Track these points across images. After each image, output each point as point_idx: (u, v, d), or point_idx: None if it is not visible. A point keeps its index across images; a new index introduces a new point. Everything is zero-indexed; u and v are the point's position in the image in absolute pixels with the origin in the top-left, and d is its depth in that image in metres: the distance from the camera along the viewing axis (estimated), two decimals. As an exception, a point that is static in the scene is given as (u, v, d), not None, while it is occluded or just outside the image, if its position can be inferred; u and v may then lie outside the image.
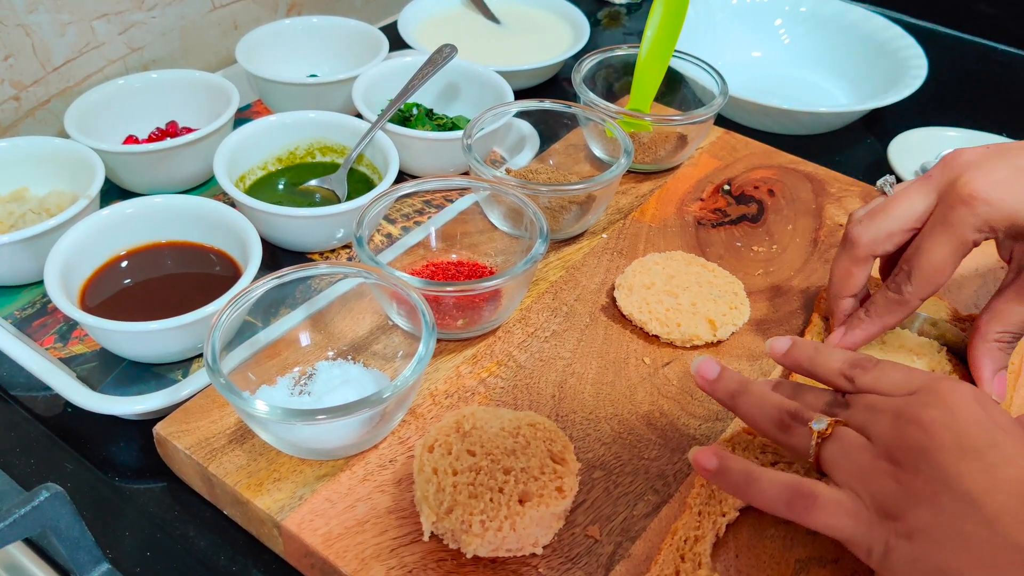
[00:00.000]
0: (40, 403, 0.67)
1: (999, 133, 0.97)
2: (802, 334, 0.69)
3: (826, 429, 0.50)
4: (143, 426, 0.64)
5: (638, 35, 1.21)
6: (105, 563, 0.54)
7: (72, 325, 0.71)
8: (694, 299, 0.69)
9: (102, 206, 0.73)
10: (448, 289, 0.64)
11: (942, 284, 0.60)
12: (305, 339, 0.66)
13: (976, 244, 0.58)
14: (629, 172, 0.87)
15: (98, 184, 0.74)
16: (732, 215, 0.83)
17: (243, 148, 0.81)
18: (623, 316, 0.70)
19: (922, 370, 0.52)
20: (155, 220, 0.73)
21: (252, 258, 0.68)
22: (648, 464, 0.60)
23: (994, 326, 0.61)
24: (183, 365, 0.68)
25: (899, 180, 0.91)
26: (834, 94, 1.09)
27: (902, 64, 1.03)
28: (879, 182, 0.65)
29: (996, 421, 0.46)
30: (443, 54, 0.88)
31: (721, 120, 1.01)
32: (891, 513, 0.46)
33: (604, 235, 0.79)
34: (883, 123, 1.05)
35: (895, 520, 0.45)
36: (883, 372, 0.52)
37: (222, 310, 0.58)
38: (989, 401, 0.47)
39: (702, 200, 0.84)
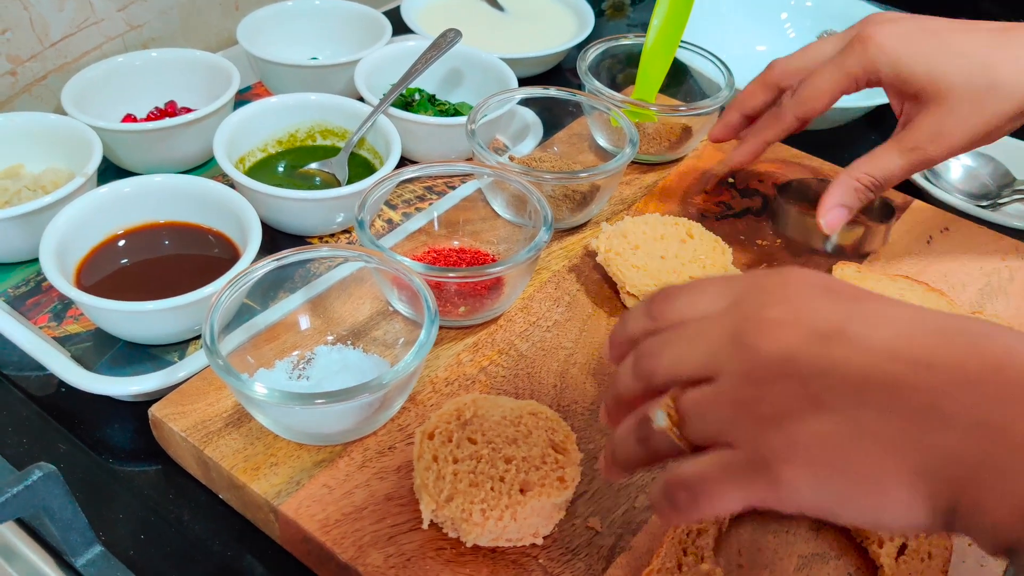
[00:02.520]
0: (33, 383, 0.66)
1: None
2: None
3: (671, 415, 0.39)
4: (138, 408, 0.63)
5: (642, 27, 1.21)
6: (98, 545, 0.53)
7: (67, 304, 0.70)
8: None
9: (99, 185, 0.72)
10: (451, 275, 0.63)
11: (818, 109, 0.66)
12: (304, 323, 0.65)
13: (859, 84, 0.64)
14: (632, 163, 0.86)
15: (96, 162, 0.73)
16: (736, 208, 0.82)
17: (243, 129, 0.80)
18: (626, 307, 0.70)
19: (737, 274, 0.46)
20: (154, 200, 0.72)
21: (251, 240, 0.67)
22: (650, 456, 0.59)
23: (863, 166, 0.65)
24: (179, 347, 0.67)
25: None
26: (838, 90, 1.08)
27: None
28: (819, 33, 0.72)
29: (842, 290, 0.39)
30: (447, 38, 0.87)
31: (725, 113, 1.00)
32: (773, 445, 0.36)
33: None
34: (888, 120, 1.04)
35: (777, 448, 0.36)
36: (692, 293, 0.42)
37: (221, 291, 0.57)
38: (828, 276, 0.40)
39: (706, 193, 0.84)
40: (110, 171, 0.83)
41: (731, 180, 0.85)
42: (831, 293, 0.38)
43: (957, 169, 0.92)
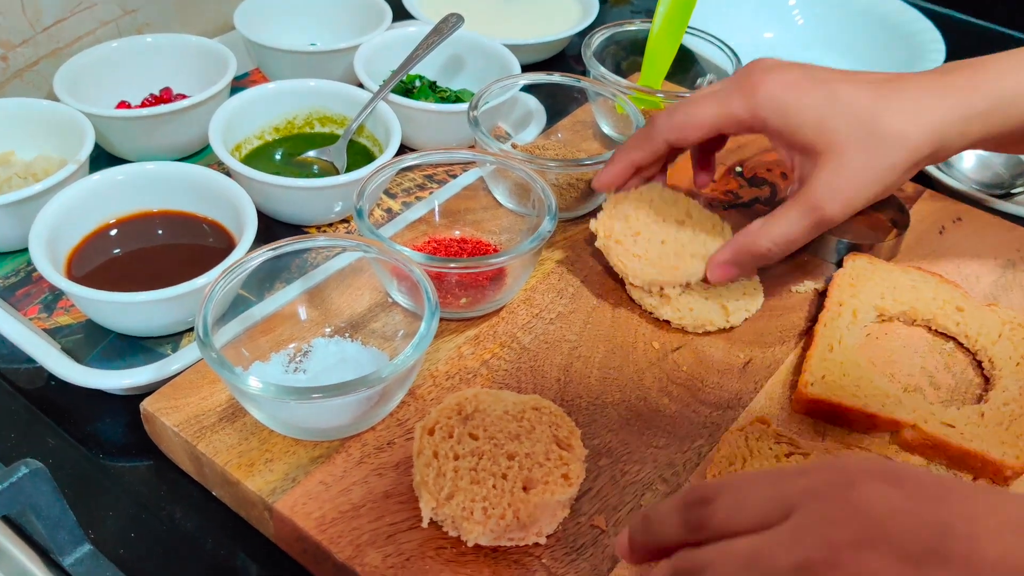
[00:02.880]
0: (23, 375, 0.64)
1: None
2: (815, 319, 0.66)
3: None
4: (130, 402, 0.61)
5: (647, 13, 1.18)
6: (87, 544, 0.51)
7: (57, 295, 0.68)
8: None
9: (92, 173, 0.70)
10: (452, 266, 0.61)
11: (690, 139, 0.63)
12: (301, 315, 0.63)
13: (739, 127, 0.61)
14: (638, 151, 0.84)
15: (88, 149, 0.71)
16: (744, 197, 0.80)
17: (239, 116, 0.78)
18: (631, 299, 0.68)
19: (791, 467, 0.36)
20: (147, 188, 0.70)
21: (247, 229, 0.65)
22: (656, 452, 0.57)
23: (764, 231, 0.62)
24: (172, 339, 0.65)
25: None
26: (847, 78, 1.06)
27: (919, 48, 1.00)
28: (699, 81, 0.69)
29: (922, 483, 0.33)
30: (449, 23, 0.85)
31: (732, 101, 0.98)
32: None
33: (612, 215, 0.76)
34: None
35: None
36: (734, 497, 0.36)
37: (215, 282, 0.55)
38: (893, 463, 0.36)
39: (713, 182, 0.81)
40: (103, 158, 0.81)
41: (739, 169, 0.83)
42: (909, 489, 0.32)
43: (970, 158, 0.90)
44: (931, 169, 0.87)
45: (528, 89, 0.87)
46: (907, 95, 0.58)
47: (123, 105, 0.84)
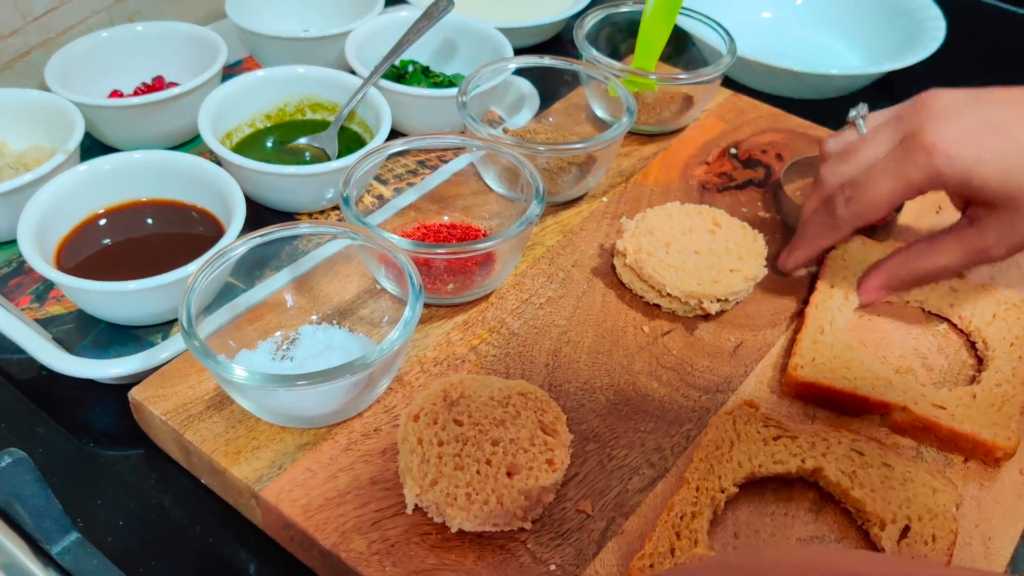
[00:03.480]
0: (14, 366, 0.65)
1: (1018, 98, 0.93)
2: (807, 302, 0.66)
3: None
4: (120, 391, 0.61)
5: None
6: (74, 532, 0.52)
7: (49, 285, 0.68)
8: (716, 260, 0.66)
9: (85, 163, 0.70)
10: (439, 251, 0.61)
11: (874, 219, 0.62)
12: (289, 303, 0.63)
13: (922, 191, 0.58)
14: (632, 134, 0.84)
15: (77, 139, 0.71)
16: (738, 179, 0.80)
17: (230, 104, 0.78)
18: (622, 283, 0.67)
19: (739, 562, 0.34)
20: (135, 176, 0.70)
21: (235, 217, 0.65)
22: (644, 437, 0.57)
23: (920, 258, 0.62)
24: (163, 328, 0.66)
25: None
26: (847, 57, 1.05)
27: (919, 25, 0.99)
28: (852, 113, 0.66)
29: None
30: (439, 7, 0.85)
31: (730, 83, 0.98)
32: None
33: (604, 199, 0.76)
34: (898, 87, 1.01)
35: None
36: None
37: (198, 271, 0.55)
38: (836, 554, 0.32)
39: (707, 164, 0.81)
40: (96, 148, 0.81)
41: (734, 151, 0.83)
42: None
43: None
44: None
45: (521, 73, 0.86)
46: None
47: (116, 94, 0.84)
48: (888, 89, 1.01)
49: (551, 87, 0.87)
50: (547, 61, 0.79)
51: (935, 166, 0.56)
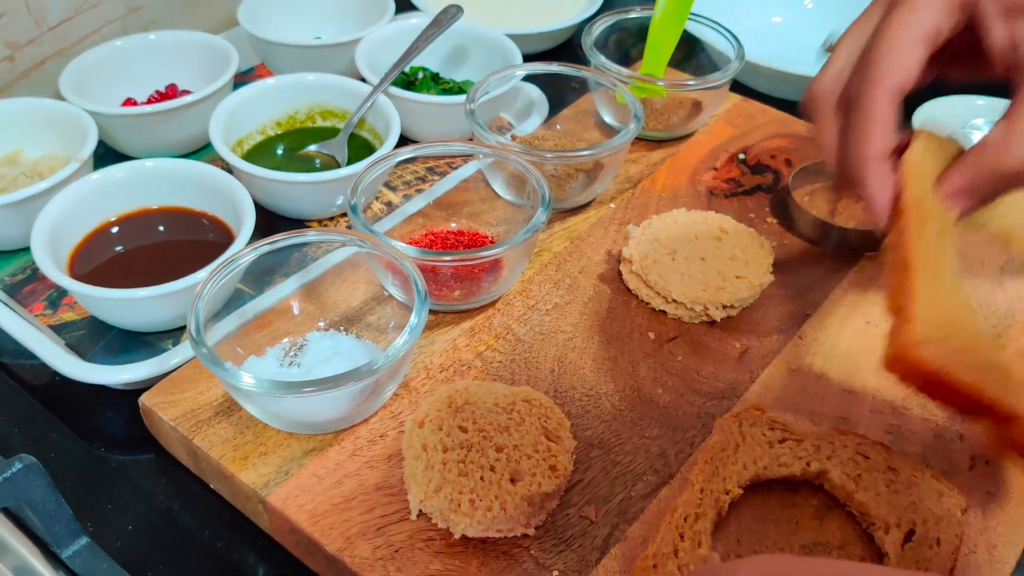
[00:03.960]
0: (28, 371, 0.66)
1: (1030, 102, 0.93)
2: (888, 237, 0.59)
3: None
4: (131, 396, 0.62)
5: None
6: (84, 537, 0.52)
7: (62, 292, 0.70)
8: (720, 267, 0.66)
9: (97, 171, 0.71)
10: (445, 259, 0.62)
11: (902, 81, 0.47)
12: (296, 309, 0.63)
13: (944, 30, 0.46)
14: (641, 140, 0.84)
15: (90, 147, 0.72)
16: (746, 185, 0.80)
17: (241, 112, 0.79)
18: (628, 289, 0.68)
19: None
20: (146, 184, 0.71)
21: (244, 224, 0.65)
22: (649, 443, 0.57)
23: (1002, 148, 0.46)
24: (174, 334, 0.66)
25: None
26: (858, 61, 1.05)
27: (930, 29, 0.99)
28: (824, 42, 0.56)
29: None
30: (448, 15, 0.85)
31: (740, 88, 0.98)
32: None
33: (612, 205, 0.76)
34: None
35: None
36: None
37: (207, 278, 0.56)
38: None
39: (716, 169, 0.81)
40: (110, 156, 0.82)
41: (742, 157, 0.83)
42: None
43: (979, 138, 0.88)
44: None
45: (530, 79, 0.87)
46: None
47: (129, 102, 0.85)
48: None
49: (560, 93, 0.87)
50: (555, 68, 0.79)
51: None
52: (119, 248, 0.69)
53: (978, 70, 0.48)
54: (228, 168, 0.73)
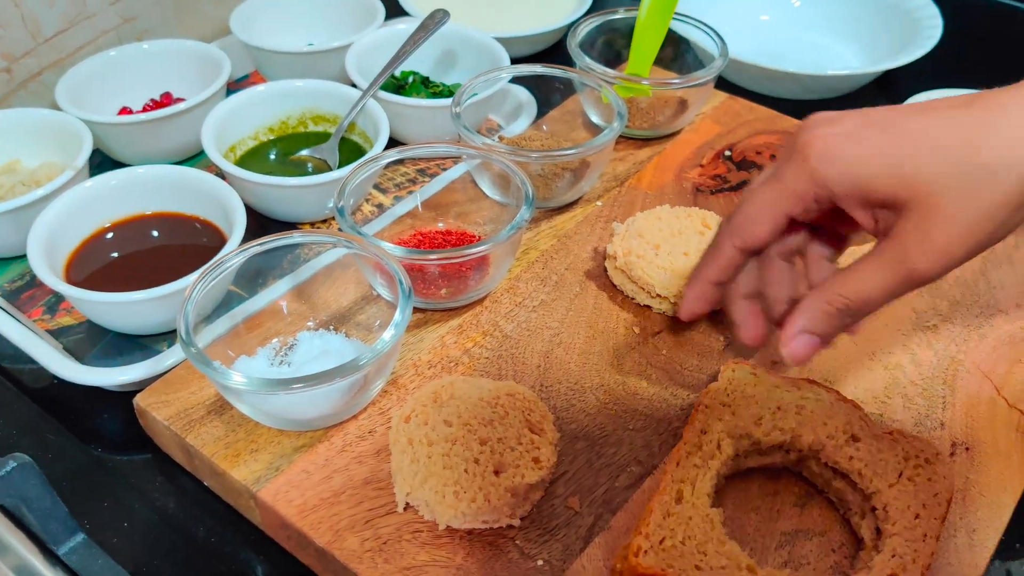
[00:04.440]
0: (27, 375, 0.67)
1: (1016, 94, 0.93)
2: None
3: None
4: (127, 398, 0.63)
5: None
6: (80, 533, 0.54)
7: (60, 297, 0.71)
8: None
9: (91, 179, 0.72)
10: (431, 257, 0.63)
11: (758, 235, 0.52)
12: (287, 310, 0.65)
13: (805, 203, 0.50)
14: (628, 138, 0.85)
15: (85, 155, 0.74)
16: (732, 181, 0.81)
17: (233, 118, 0.80)
18: (613, 285, 0.69)
19: None
20: (140, 191, 0.72)
21: (236, 228, 0.67)
22: (633, 435, 0.58)
23: (836, 285, 0.49)
24: (168, 336, 0.68)
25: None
26: (846, 57, 1.06)
27: (916, 24, 1.00)
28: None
29: None
30: (435, 19, 0.87)
31: (729, 86, 0.99)
32: None
33: (599, 203, 0.77)
34: (896, 86, 1.02)
35: None
36: None
37: (195, 281, 0.57)
38: None
39: (702, 166, 0.82)
40: (106, 164, 0.84)
41: (728, 153, 0.84)
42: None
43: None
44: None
45: (518, 81, 0.88)
46: (1009, 113, 0.46)
47: (125, 111, 0.87)
48: (887, 87, 1.02)
49: (547, 95, 0.89)
50: (540, 69, 0.81)
51: (811, 166, 0.48)
52: (114, 253, 0.71)
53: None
54: (222, 174, 0.74)
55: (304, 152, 0.82)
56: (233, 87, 0.92)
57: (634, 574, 0.48)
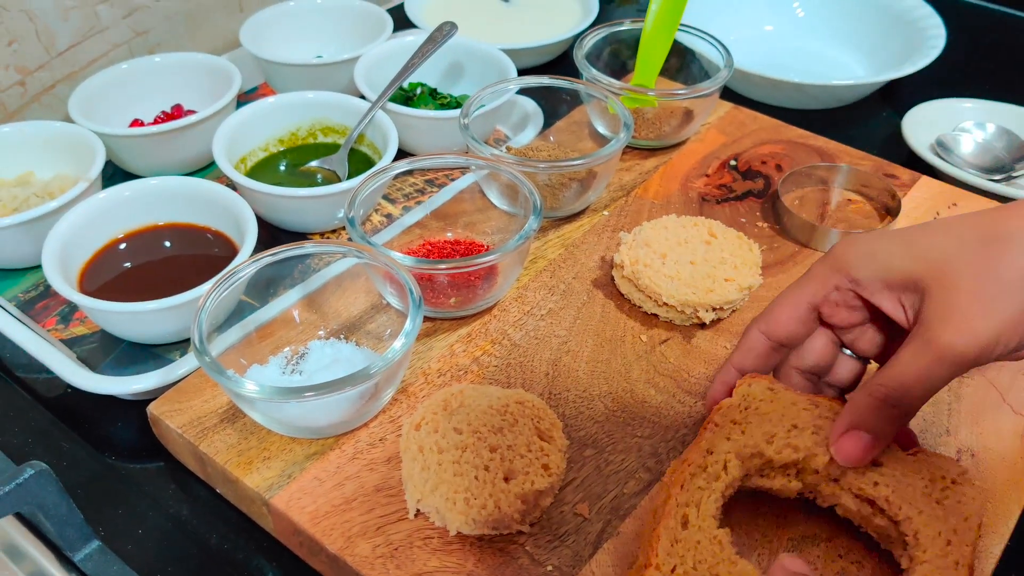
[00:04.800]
0: (41, 384, 0.68)
1: (1019, 104, 0.94)
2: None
3: None
4: (140, 406, 0.64)
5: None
6: (95, 540, 0.54)
7: (73, 307, 0.72)
8: (711, 270, 0.67)
9: (104, 190, 0.73)
10: (440, 267, 0.64)
11: (782, 321, 0.53)
12: (298, 319, 0.65)
13: (827, 287, 0.51)
14: (634, 149, 0.86)
15: (98, 167, 0.75)
16: (738, 191, 0.81)
17: (243, 130, 0.81)
18: (620, 294, 0.69)
19: None
20: (152, 202, 0.73)
21: (247, 238, 0.68)
22: (641, 442, 0.59)
23: (875, 378, 0.49)
24: (181, 345, 0.69)
25: (912, 153, 0.89)
26: (850, 67, 1.07)
27: (920, 34, 1.00)
28: None
29: None
30: (443, 31, 0.88)
31: (734, 96, 1.00)
32: None
33: (605, 212, 0.78)
34: (899, 95, 1.03)
35: None
36: None
37: (209, 291, 0.58)
38: None
39: (707, 176, 0.83)
40: (118, 176, 0.85)
41: (733, 163, 0.84)
42: None
43: (969, 143, 0.90)
44: (929, 155, 0.87)
45: (525, 92, 0.89)
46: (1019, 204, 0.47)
47: (137, 123, 0.88)
48: (890, 97, 1.03)
49: (554, 106, 0.89)
50: (547, 81, 0.82)
51: (837, 257, 0.51)
52: (127, 264, 0.71)
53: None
54: (233, 185, 0.75)
55: (314, 163, 0.83)
56: (243, 99, 0.93)
57: None
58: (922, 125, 0.91)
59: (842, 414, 0.50)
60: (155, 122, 0.88)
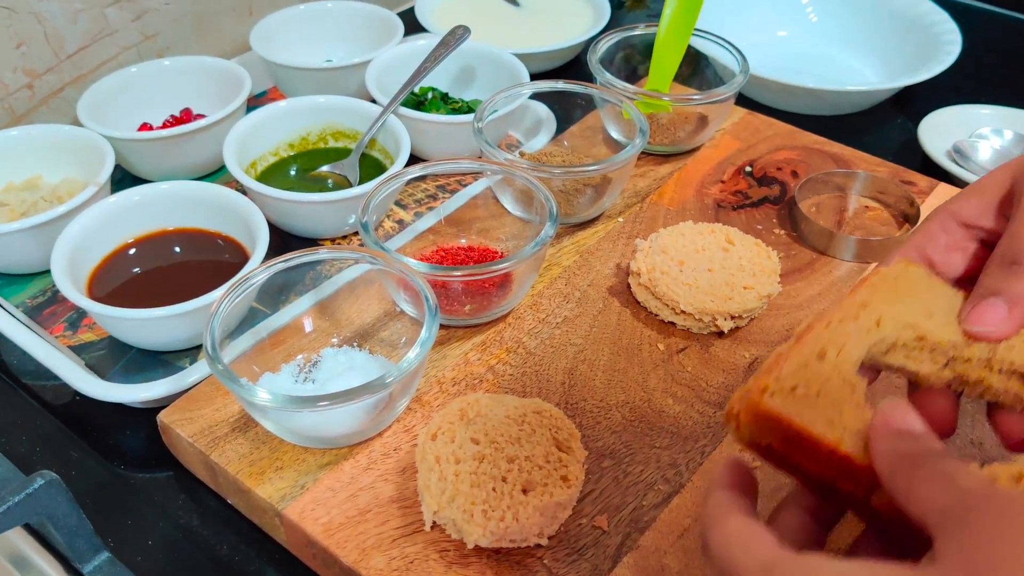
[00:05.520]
0: (49, 391, 0.67)
1: (1036, 110, 0.93)
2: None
3: None
4: (150, 414, 0.63)
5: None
6: (105, 552, 0.53)
7: (82, 313, 0.71)
8: (728, 278, 0.66)
9: (114, 195, 0.72)
10: (455, 274, 0.63)
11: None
12: (311, 326, 0.64)
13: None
14: (648, 154, 0.85)
15: (107, 172, 0.74)
16: (753, 197, 0.80)
17: (254, 134, 0.80)
18: (637, 302, 0.68)
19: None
20: (162, 207, 0.72)
21: (259, 244, 0.67)
22: (659, 453, 0.58)
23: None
24: (191, 353, 0.68)
25: (927, 159, 0.88)
26: (864, 72, 1.06)
27: (935, 40, 0.99)
28: None
29: None
30: (456, 35, 0.87)
31: (747, 102, 0.99)
32: None
33: (620, 219, 0.77)
34: (915, 102, 1.02)
35: None
36: None
37: (221, 297, 0.57)
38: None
39: (723, 182, 0.82)
40: (127, 180, 0.84)
41: (749, 169, 0.84)
42: None
43: (986, 150, 0.89)
44: (946, 162, 0.86)
45: (538, 97, 0.88)
46: None
47: (145, 127, 0.87)
48: (905, 103, 1.02)
49: (567, 111, 0.89)
50: (560, 85, 0.81)
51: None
52: (136, 269, 0.71)
53: None
54: (243, 190, 0.74)
55: (324, 168, 0.82)
56: (252, 103, 0.92)
57: (753, 414, 0.39)
58: (938, 131, 0.90)
59: (972, 291, 0.46)
60: (164, 126, 0.87)
